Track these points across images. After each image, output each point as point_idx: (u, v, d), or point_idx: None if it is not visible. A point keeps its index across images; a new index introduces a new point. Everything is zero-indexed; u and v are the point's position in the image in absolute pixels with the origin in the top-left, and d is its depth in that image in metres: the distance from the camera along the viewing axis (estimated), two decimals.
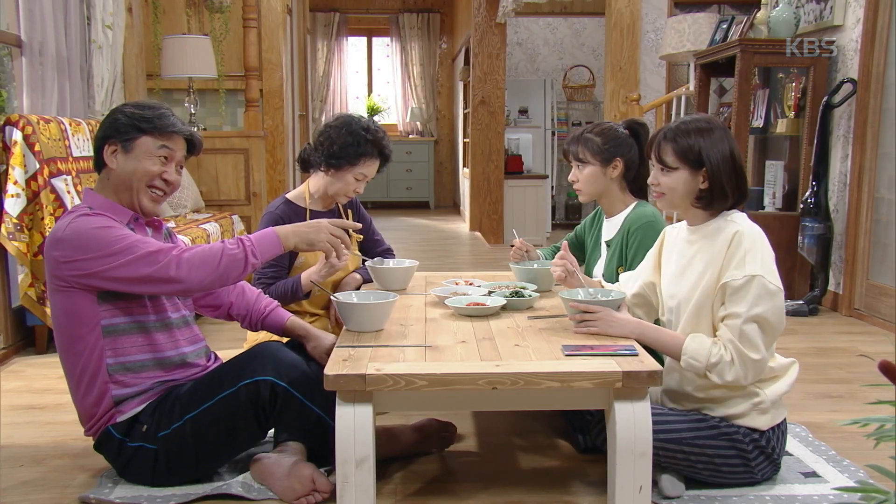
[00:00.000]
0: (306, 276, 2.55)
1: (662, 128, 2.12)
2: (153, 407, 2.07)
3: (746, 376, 1.96)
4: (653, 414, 1.86)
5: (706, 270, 2.02)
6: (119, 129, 2.07)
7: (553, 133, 8.76)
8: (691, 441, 2.00)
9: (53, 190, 3.52)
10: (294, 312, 2.46)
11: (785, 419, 2.11)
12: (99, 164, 2.11)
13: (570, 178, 2.67)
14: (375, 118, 10.86)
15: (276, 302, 2.37)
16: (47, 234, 3.44)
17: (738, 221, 2.03)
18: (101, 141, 2.09)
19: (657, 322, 2.23)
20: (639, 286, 2.29)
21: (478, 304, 2.33)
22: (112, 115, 2.11)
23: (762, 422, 2.03)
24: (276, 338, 2.49)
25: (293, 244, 2.05)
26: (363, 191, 2.73)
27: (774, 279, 1.95)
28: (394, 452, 2.28)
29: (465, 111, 8.83)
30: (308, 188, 2.76)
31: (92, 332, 2.02)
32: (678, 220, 2.25)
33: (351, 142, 2.62)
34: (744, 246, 1.96)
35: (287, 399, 2.03)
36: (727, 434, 2.01)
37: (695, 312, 2.04)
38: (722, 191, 2.03)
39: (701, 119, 2.09)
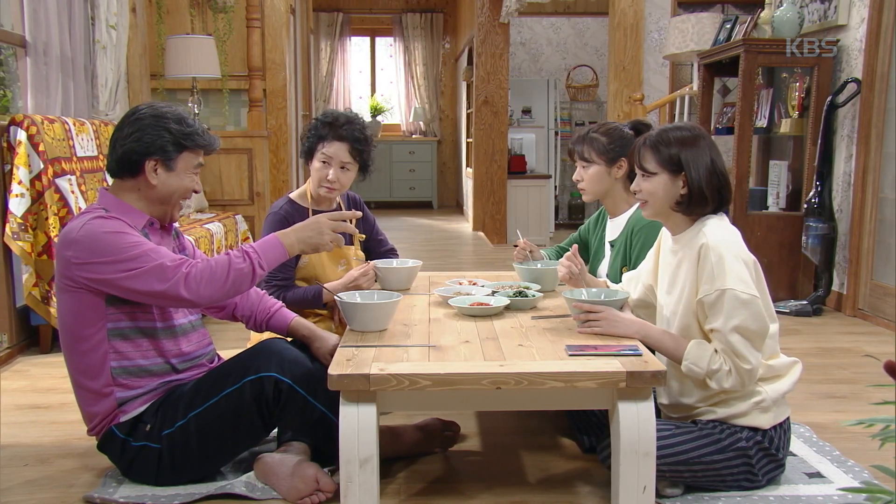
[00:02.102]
0: (332, 287, 2.53)
1: (643, 135, 2.13)
2: (156, 406, 2.07)
3: (743, 384, 1.98)
4: (658, 437, 1.86)
5: (685, 285, 2.04)
6: (164, 147, 2.05)
7: (556, 133, 8.75)
8: (698, 459, 2.00)
9: (58, 190, 3.53)
10: (297, 312, 2.46)
11: (788, 418, 2.11)
12: (123, 170, 2.07)
13: (574, 177, 2.67)
14: (379, 118, 10.88)
15: (280, 302, 2.38)
16: (51, 233, 3.47)
17: (707, 233, 2.01)
18: (140, 155, 2.04)
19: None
20: (640, 290, 2.29)
21: (481, 304, 2.33)
22: (149, 128, 2.04)
23: (764, 420, 2.03)
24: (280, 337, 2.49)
25: (298, 251, 2.07)
26: (341, 179, 2.65)
27: (746, 288, 1.94)
28: (397, 452, 2.28)
29: (469, 111, 8.84)
30: (308, 188, 2.77)
31: (97, 334, 2.03)
32: None
33: (308, 129, 2.70)
34: (710, 260, 1.96)
35: (291, 395, 2.03)
36: (732, 444, 2.01)
37: (683, 325, 2.06)
38: (701, 195, 2.03)
39: (682, 126, 2.11)
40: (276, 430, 2.26)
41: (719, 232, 2.02)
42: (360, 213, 2.34)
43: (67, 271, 1.99)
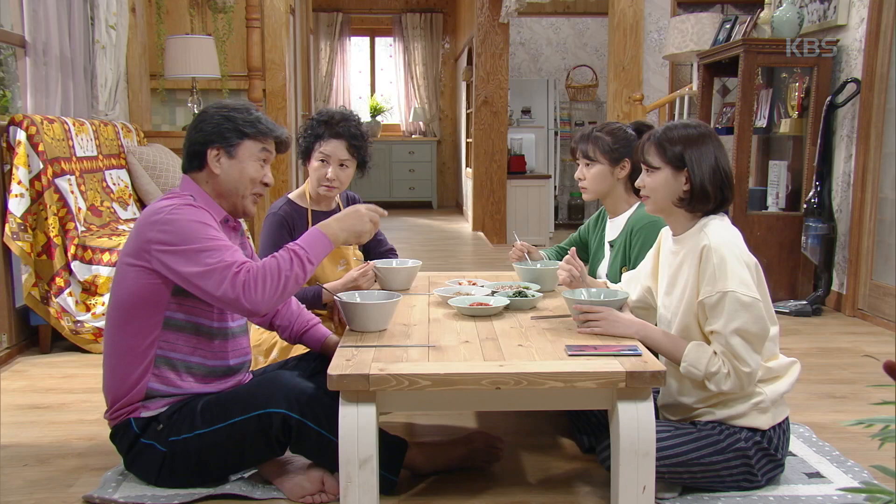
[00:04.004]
0: (331, 287, 2.52)
1: (649, 132, 2.14)
2: (173, 410, 2.05)
3: (742, 387, 1.98)
4: (657, 439, 1.86)
5: (686, 286, 2.04)
6: (223, 135, 2.07)
7: (556, 133, 8.75)
8: (697, 460, 2.00)
9: (57, 190, 3.53)
10: None
11: (787, 418, 2.11)
12: (192, 164, 2.11)
13: (576, 175, 2.67)
14: (378, 118, 10.88)
15: (317, 318, 2.38)
16: (51, 233, 3.47)
17: (710, 233, 2.01)
18: (202, 145, 2.08)
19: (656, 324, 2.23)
20: (639, 291, 2.30)
21: (481, 304, 2.33)
22: (210, 118, 2.10)
23: (763, 421, 2.03)
24: (288, 346, 2.49)
25: (343, 240, 2.07)
26: (340, 177, 2.66)
27: (747, 290, 1.94)
28: (439, 467, 2.20)
29: (468, 111, 8.83)
30: (307, 188, 2.77)
31: (151, 318, 2.01)
32: None
33: (304, 129, 2.69)
34: (712, 262, 1.96)
35: (302, 430, 1.99)
36: (731, 445, 2.01)
37: (683, 326, 2.06)
38: (703, 192, 2.03)
39: (688, 124, 2.11)
40: None
41: (722, 233, 2.02)
42: (385, 213, 2.32)
43: (144, 251, 1.97)
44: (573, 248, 2.43)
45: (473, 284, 2.65)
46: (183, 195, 2.07)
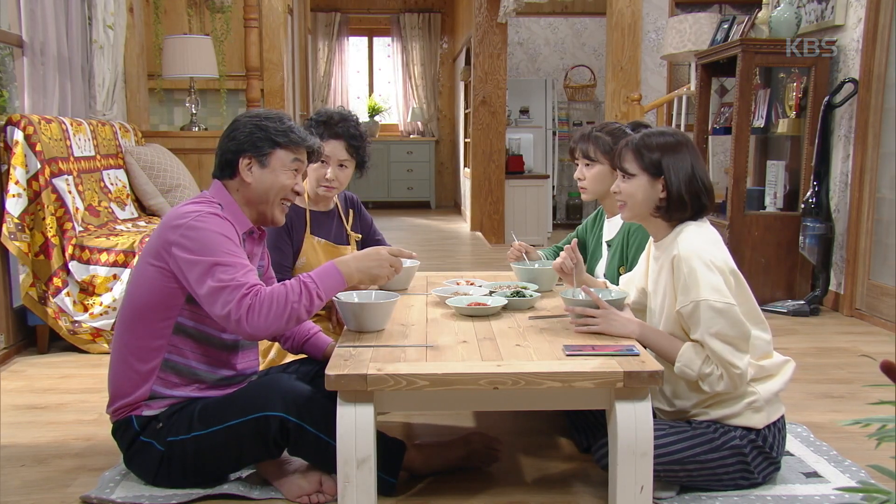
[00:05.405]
0: None
1: (626, 138, 2.14)
2: (173, 410, 2.06)
3: (735, 387, 1.99)
4: (654, 437, 1.87)
5: (665, 295, 2.06)
6: (255, 144, 2.08)
7: (554, 133, 8.75)
8: (692, 458, 2.00)
9: (55, 190, 3.53)
10: None
11: (783, 417, 2.11)
12: (224, 172, 2.11)
13: (575, 175, 2.67)
14: (376, 118, 10.88)
15: (318, 327, 2.38)
16: (48, 233, 3.47)
17: (680, 242, 2.02)
18: (234, 154, 2.09)
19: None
20: (635, 293, 2.30)
21: (479, 304, 2.33)
22: (243, 127, 2.10)
23: (757, 420, 2.03)
24: (290, 357, 2.49)
25: (357, 280, 2.06)
26: (340, 178, 2.66)
27: (719, 297, 1.94)
28: (435, 468, 2.20)
29: (466, 111, 8.83)
30: (306, 189, 2.76)
31: (163, 321, 2.02)
32: None
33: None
34: (683, 272, 1.97)
35: (300, 433, 1.99)
36: (726, 443, 2.02)
37: (669, 332, 2.08)
38: (680, 200, 2.04)
39: (665, 132, 2.13)
40: None
41: (693, 240, 2.02)
42: (414, 255, 2.30)
43: (164, 251, 1.97)
44: (575, 240, 2.43)
45: (471, 284, 2.65)
46: (211, 202, 2.07)
